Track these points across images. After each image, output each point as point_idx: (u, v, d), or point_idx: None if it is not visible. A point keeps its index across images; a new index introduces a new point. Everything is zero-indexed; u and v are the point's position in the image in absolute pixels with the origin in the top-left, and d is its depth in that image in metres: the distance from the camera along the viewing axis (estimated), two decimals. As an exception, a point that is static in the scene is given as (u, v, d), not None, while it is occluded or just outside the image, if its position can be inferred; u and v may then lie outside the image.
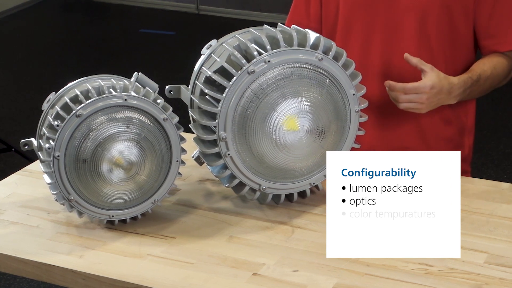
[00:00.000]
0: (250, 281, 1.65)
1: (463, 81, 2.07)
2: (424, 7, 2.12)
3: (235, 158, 1.83)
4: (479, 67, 2.13)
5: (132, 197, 1.83)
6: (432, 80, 2.00)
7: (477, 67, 2.13)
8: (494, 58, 2.16)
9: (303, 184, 1.91)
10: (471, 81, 2.09)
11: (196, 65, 1.96)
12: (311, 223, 1.86)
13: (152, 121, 1.81)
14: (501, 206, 1.91)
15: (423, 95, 2.00)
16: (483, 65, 2.14)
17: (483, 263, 1.69)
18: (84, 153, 1.76)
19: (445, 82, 2.02)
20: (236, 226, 1.86)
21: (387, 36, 2.16)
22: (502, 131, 4.63)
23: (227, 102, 1.79)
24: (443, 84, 2.02)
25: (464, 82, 2.07)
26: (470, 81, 2.09)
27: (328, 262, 1.69)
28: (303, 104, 1.82)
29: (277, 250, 1.75)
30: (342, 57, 1.85)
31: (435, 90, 2.00)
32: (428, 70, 2.00)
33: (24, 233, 1.84)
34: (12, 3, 6.84)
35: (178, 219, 1.89)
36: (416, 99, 2.00)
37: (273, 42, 1.83)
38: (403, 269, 1.67)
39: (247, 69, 1.79)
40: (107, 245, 1.79)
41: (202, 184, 2.04)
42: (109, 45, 6.12)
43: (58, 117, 1.77)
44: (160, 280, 1.66)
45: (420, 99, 2.00)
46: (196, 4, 6.81)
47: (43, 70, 5.64)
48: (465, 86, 2.07)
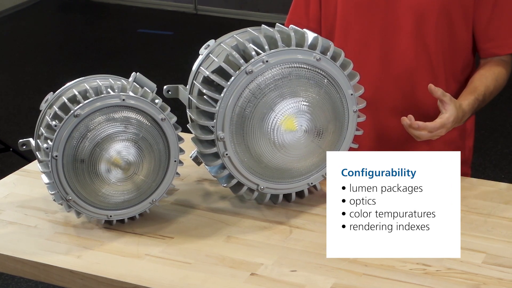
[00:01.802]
0: (248, 281, 1.65)
1: (472, 104, 2.07)
2: (423, 10, 2.12)
3: (233, 158, 1.83)
4: (482, 83, 2.12)
5: (130, 197, 1.83)
6: (454, 114, 1.98)
7: (481, 84, 2.12)
8: (495, 69, 2.16)
9: (301, 184, 1.91)
10: (478, 102, 2.09)
11: (194, 65, 1.96)
12: (309, 223, 1.86)
13: (150, 121, 1.81)
14: (499, 206, 1.91)
15: (444, 129, 1.99)
16: (486, 80, 2.13)
17: (481, 263, 1.69)
18: (82, 153, 1.76)
19: (460, 112, 2.02)
20: (234, 226, 1.86)
21: (385, 38, 2.16)
22: (500, 131, 4.63)
23: (225, 102, 1.79)
24: (459, 114, 2.01)
25: (472, 106, 2.08)
26: (477, 102, 2.09)
27: (326, 262, 1.69)
28: (301, 104, 1.82)
29: (275, 250, 1.75)
30: (340, 57, 1.85)
31: (455, 122, 2.00)
32: (448, 102, 1.98)
33: (22, 233, 1.84)
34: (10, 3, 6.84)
35: (176, 219, 1.89)
36: (439, 134, 1.99)
37: (271, 42, 1.83)
38: (401, 269, 1.67)
39: (245, 69, 1.79)
40: (105, 245, 1.79)
41: (200, 184, 2.04)
42: (107, 45, 6.12)
43: (56, 117, 1.77)
44: (158, 280, 1.66)
45: (442, 132, 1.99)
46: (194, 4, 6.82)
47: (41, 70, 5.64)
48: (473, 109, 2.08)
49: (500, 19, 2.15)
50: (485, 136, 4.52)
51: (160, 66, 5.58)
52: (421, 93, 2.16)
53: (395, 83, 2.15)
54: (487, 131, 4.57)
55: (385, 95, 2.19)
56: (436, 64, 2.14)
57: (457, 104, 2.01)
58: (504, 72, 2.17)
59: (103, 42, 6.18)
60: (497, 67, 2.16)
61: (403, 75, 2.15)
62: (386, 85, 2.18)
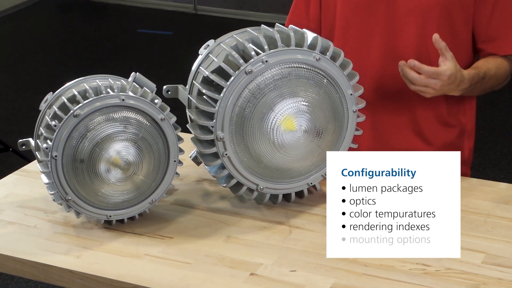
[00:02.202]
0: (248, 281, 1.65)
1: (471, 76, 2.06)
2: (424, 11, 2.12)
3: (232, 158, 1.83)
4: (484, 65, 2.13)
5: (129, 197, 1.83)
6: (451, 70, 1.98)
7: (483, 65, 2.13)
8: (497, 59, 2.16)
9: (300, 184, 1.91)
10: (478, 77, 2.08)
11: (194, 65, 1.95)
12: (309, 223, 1.86)
13: (149, 121, 1.81)
14: (498, 206, 1.91)
15: (439, 81, 1.98)
16: (487, 63, 2.14)
17: (481, 263, 1.69)
18: (81, 153, 1.76)
19: (459, 74, 2.01)
20: (234, 226, 1.86)
21: (386, 39, 2.16)
22: (499, 131, 4.63)
23: (225, 102, 1.79)
24: (457, 75, 2.00)
25: (472, 78, 2.06)
26: (477, 77, 2.08)
27: (325, 262, 1.69)
28: (301, 104, 1.82)
29: (275, 250, 1.75)
30: (340, 57, 1.85)
31: (450, 80, 1.99)
32: (449, 58, 1.98)
33: (21, 233, 1.84)
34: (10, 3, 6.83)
35: (176, 219, 1.89)
36: (432, 84, 1.98)
37: (271, 42, 1.83)
38: (401, 269, 1.67)
39: (244, 69, 1.79)
40: (104, 245, 1.79)
41: (200, 184, 2.04)
42: (106, 45, 6.12)
43: (55, 117, 1.77)
44: (157, 280, 1.66)
45: (435, 85, 1.97)
46: (194, 4, 6.81)
47: (40, 70, 5.63)
48: (472, 82, 2.07)
49: (499, 20, 2.15)
50: (485, 136, 4.52)
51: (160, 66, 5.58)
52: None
53: (396, 83, 2.15)
54: (486, 131, 4.57)
55: (385, 95, 2.19)
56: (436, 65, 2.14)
57: (457, 66, 2.00)
58: (506, 63, 2.17)
59: (102, 42, 6.18)
60: (499, 58, 2.17)
61: None
62: (386, 85, 2.18)
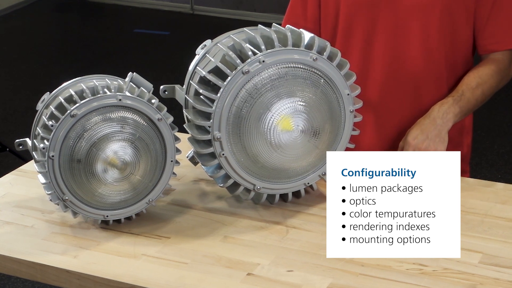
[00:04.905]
0: (245, 281, 1.65)
1: (442, 102, 2.09)
2: (426, 9, 2.12)
3: (229, 158, 1.83)
4: (462, 82, 2.15)
5: (126, 197, 1.83)
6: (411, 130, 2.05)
7: (460, 83, 2.15)
8: (479, 68, 2.18)
9: (297, 184, 1.91)
10: (452, 98, 2.10)
11: (191, 65, 1.95)
12: (306, 223, 1.86)
13: (146, 121, 1.81)
14: (495, 206, 1.91)
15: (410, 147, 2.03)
16: (467, 78, 2.16)
17: (478, 263, 1.69)
18: (78, 153, 1.76)
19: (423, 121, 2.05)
20: (231, 226, 1.86)
21: (389, 38, 2.16)
22: (496, 131, 4.64)
23: (222, 102, 1.79)
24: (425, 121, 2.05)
25: (443, 102, 2.09)
26: (451, 99, 2.10)
27: (322, 262, 1.69)
28: (298, 104, 1.82)
29: (272, 250, 1.75)
30: (337, 57, 1.85)
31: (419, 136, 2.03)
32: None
33: (18, 233, 1.83)
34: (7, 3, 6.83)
35: (173, 219, 1.89)
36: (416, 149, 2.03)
37: (268, 42, 1.83)
38: (398, 269, 1.67)
39: (241, 69, 1.79)
40: (101, 245, 1.79)
41: (197, 184, 2.04)
42: (103, 45, 6.12)
43: (52, 117, 1.77)
44: (154, 280, 1.66)
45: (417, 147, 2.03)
46: (191, 4, 6.82)
47: (37, 70, 5.63)
48: (448, 104, 2.09)
49: (498, 17, 2.16)
50: (482, 136, 4.52)
51: (157, 66, 5.58)
52: (424, 91, 2.18)
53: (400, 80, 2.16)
54: (483, 131, 4.58)
55: (388, 95, 2.19)
56: (438, 62, 2.16)
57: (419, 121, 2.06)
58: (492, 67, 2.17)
59: (99, 42, 6.18)
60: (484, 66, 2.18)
61: (408, 75, 2.16)
62: (390, 85, 2.18)
